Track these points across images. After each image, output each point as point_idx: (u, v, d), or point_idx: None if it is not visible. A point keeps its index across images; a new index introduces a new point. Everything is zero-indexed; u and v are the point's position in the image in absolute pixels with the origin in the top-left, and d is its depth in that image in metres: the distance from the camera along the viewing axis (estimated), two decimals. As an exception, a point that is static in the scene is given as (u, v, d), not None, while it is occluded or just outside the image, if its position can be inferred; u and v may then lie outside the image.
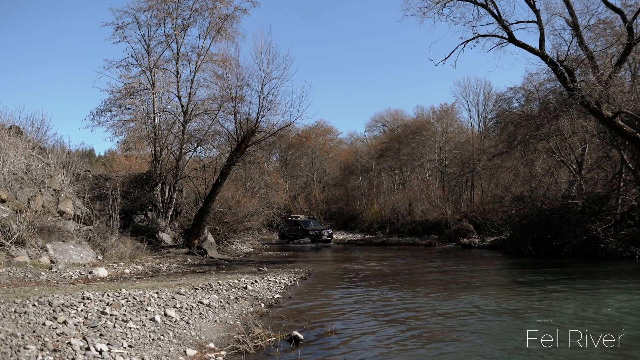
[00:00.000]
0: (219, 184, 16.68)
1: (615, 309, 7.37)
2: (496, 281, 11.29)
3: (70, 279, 8.97)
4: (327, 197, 43.26)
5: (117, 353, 4.49)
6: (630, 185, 17.25)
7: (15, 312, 4.97)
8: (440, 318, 7.05)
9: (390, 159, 41.24)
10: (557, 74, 14.75)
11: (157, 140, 18.18)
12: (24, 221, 10.24)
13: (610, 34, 15.12)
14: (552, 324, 6.43)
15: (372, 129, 50.59)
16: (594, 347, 5.38)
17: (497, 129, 25.77)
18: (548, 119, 18.15)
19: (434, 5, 14.61)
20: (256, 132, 16.71)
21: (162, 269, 12.19)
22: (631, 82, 16.10)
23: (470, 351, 5.31)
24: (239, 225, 20.36)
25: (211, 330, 6.05)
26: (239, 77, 17.29)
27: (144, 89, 18.35)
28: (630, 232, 15.87)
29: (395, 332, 6.25)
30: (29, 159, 13.85)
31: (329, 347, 5.60)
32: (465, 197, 34.04)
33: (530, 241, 17.66)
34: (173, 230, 18.19)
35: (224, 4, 18.33)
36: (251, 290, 8.81)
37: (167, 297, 6.85)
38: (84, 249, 11.75)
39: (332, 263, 16.46)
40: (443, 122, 39.62)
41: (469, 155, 33.94)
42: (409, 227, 29.72)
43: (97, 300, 5.98)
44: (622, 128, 14.13)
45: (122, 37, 18.09)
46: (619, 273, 12.19)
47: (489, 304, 8.04)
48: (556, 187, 20.69)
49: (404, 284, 10.73)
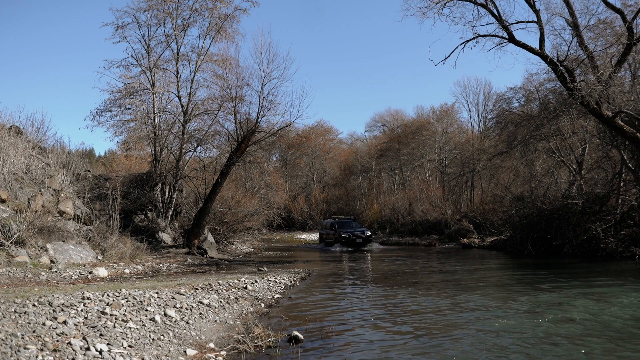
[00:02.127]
0: (219, 184, 16.68)
1: (619, 310, 7.37)
2: (496, 281, 11.28)
3: (70, 279, 8.97)
4: (327, 197, 43.29)
5: (117, 353, 4.48)
6: (630, 185, 17.25)
7: (15, 312, 4.97)
8: (440, 317, 7.05)
9: (390, 159, 41.27)
10: (557, 74, 14.76)
11: (157, 140, 18.18)
12: (24, 221, 10.24)
13: (610, 34, 15.13)
14: (560, 323, 6.44)
15: (372, 129, 50.68)
16: (593, 347, 5.39)
17: (497, 129, 25.77)
18: (548, 119, 18.16)
19: (434, 5, 14.62)
20: (256, 132, 16.71)
21: (162, 269, 12.19)
22: (631, 82, 16.11)
23: (471, 351, 5.31)
24: (239, 225, 20.37)
25: (211, 330, 6.05)
26: (239, 77, 17.32)
27: (144, 89, 18.35)
28: (630, 232, 15.87)
29: (395, 331, 6.25)
30: (29, 159, 13.85)
31: (329, 347, 5.60)
32: (465, 197, 34.06)
33: (530, 241, 17.67)
34: (173, 230, 18.19)
35: (224, 4, 18.35)
36: (251, 290, 8.81)
37: (167, 297, 6.85)
38: (84, 249, 11.75)
39: (332, 263, 16.46)
40: (443, 122, 39.66)
41: (469, 155, 33.96)
42: (409, 227, 29.76)
43: (97, 300, 5.98)
44: (622, 128, 14.13)
45: (122, 37, 18.12)
46: (619, 273, 12.18)
47: (490, 303, 8.04)
48: (556, 187, 20.70)
49: (404, 284, 10.73)
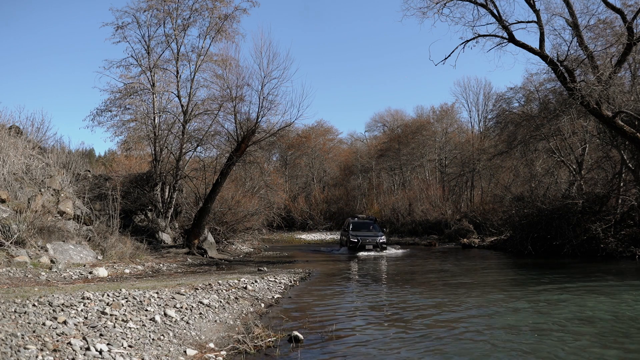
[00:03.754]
0: (219, 184, 16.68)
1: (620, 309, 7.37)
2: (496, 281, 11.28)
3: (70, 279, 8.97)
4: (327, 197, 43.25)
5: (117, 353, 4.48)
6: (630, 185, 17.26)
7: (15, 312, 4.97)
8: (440, 317, 7.05)
9: (390, 159, 41.26)
10: (557, 74, 14.76)
11: (157, 140, 18.17)
12: (24, 221, 10.24)
13: (610, 34, 15.14)
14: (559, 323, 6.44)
15: (372, 129, 50.66)
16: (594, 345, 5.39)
17: (497, 129, 25.80)
18: (548, 119, 18.17)
19: (434, 5, 14.62)
20: (256, 132, 16.70)
21: (162, 269, 12.19)
22: (631, 82, 16.12)
23: (472, 351, 5.31)
24: (239, 225, 20.36)
25: (211, 330, 6.05)
26: (239, 77, 17.30)
27: (144, 89, 18.35)
28: (630, 232, 15.88)
29: (395, 331, 6.25)
30: (29, 159, 13.85)
31: (329, 346, 5.60)
32: (465, 197, 34.07)
33: (530, 241, 17.67)
34: (173, 230, 18.19)
35: (223, 4, 18.35)
36: (251, 290, 8.81)
37: (167, 297, 6.85)
38: (84, 249, 11.75)
39: (332, 263, 16.44)
40: (443, 122, 39.67)
41: (469, 155, 33.96)
42: (409, 227, 29.77)
43: (97, 300, 5.98)
44: (622, 128, 14.13)
45: (122, 37, 18.11)
46: (619, 273, 12.18)
47: (490, 304, 8.04)
48: (556, 187, 20.72)
49: (404, 284, 10.73)
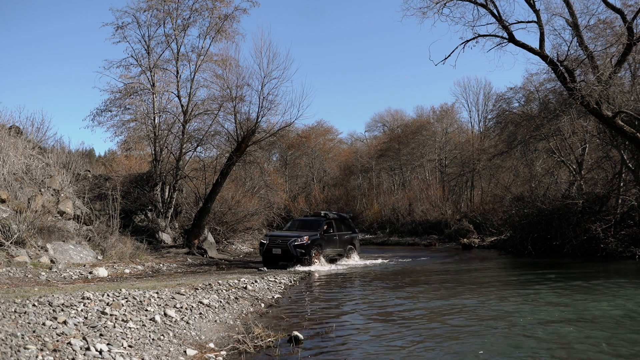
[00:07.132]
0: (219, 184, 16.68)
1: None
2: (496, 281, 11.28)
3: (70, 279, 8.98)
4: (327, 197, 43.20)
5: (117, 353, 4.48)
6: (630, 185, 17.26)
7: (15, 312, 4.97)
8: (440, 317, 7.04)
9: (390, 159, 41.22)
10: (557, 74, 14.74)
11: (157, 140, 18.17)
12: (24, 221, 10.24)
13: (610, 34, 15.12)
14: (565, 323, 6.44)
15: (372, 129, 50.59)
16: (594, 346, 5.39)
17: (497, 129, 25.81)
18: (548, 119, 18.16)
19: (434, 5, 14.59)
20: (256, 132, 16.70)
21: (162, 269, 12.19)
22: (631, 82, 16.11)
23: (472, 351, 5.30)
24: (239, 225, 20.36)
25: (211, 330, 6.05)
26: (239, 77, 17.31)
27: (144, 89, 18.34)
28: (630, 232, 15.88)
29: (395, 332, 6.25)
30: (29, 159, 13.85)
31: (329, 347, 5.60)
32: (465, 197, 34.06)
33: (530, 241, 17.67)
34: (173, 230, 18.19)
35: (223, 4, 18.33)
36: (251, 290, 8.81)
37: (167, 297, 6.85)
38: (84, 249, 11.75)
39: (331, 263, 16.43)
40: (443, 122, 39.64)
41: (469, 155, 33.95)
42: (409, 227, 29.74)
43: (97, 300, 5.98)
44: (622, 128, 14.13)
45: (122, 37, 18.09)
46: (619, 273, 12.18)
47: (490, 304, 8.04)
48: (556, 187, 20.71)
49: (404, 284, 10.73)
